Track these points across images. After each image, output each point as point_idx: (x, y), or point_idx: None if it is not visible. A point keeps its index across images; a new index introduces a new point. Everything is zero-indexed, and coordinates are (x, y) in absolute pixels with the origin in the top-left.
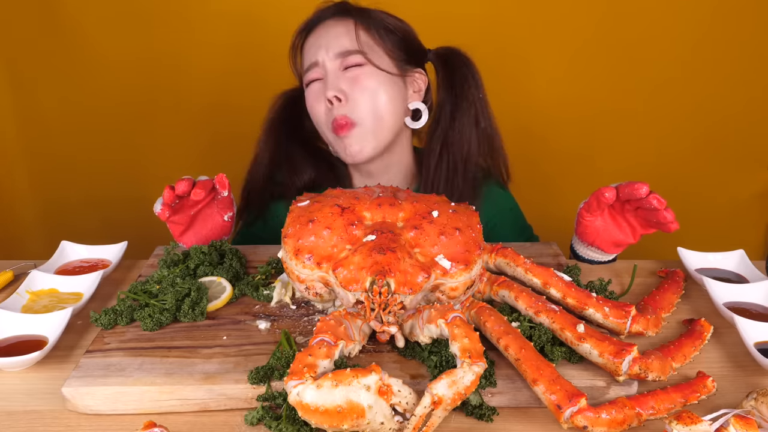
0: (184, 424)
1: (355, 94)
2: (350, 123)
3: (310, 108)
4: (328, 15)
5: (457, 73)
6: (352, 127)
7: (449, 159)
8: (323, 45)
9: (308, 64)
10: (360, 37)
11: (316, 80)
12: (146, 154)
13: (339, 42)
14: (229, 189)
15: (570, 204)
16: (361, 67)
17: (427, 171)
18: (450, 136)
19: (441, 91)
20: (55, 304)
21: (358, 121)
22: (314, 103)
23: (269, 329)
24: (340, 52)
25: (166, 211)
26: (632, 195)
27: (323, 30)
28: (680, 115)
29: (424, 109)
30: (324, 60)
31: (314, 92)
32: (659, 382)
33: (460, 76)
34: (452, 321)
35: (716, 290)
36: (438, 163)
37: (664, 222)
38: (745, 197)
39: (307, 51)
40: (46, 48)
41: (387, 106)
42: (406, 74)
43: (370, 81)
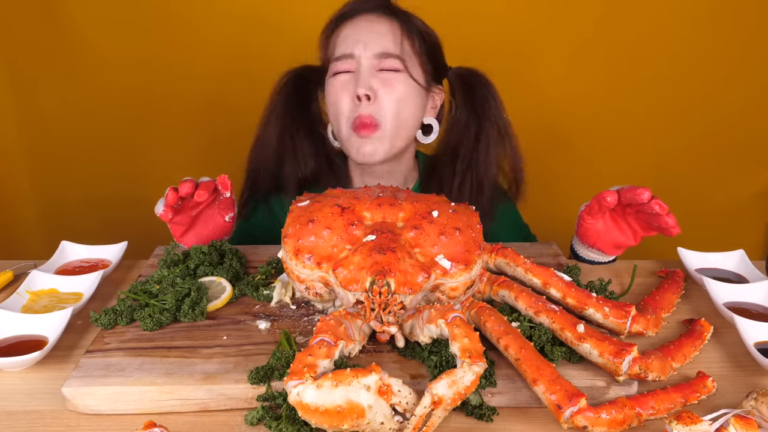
0: (184, 424)
1: (385, 97)
2: (375, 124)
3: (334, 97)
4: (371, 8)
5: (477, 94)
6: (375, 129)
7: (473, 180)
8: (362, 40)
9: (341, 54)
10: (404, 43)
11: (346, 72)
12: (146, 154)
13: (381, 42)
14: (231, 190)
15: (570, 204)
16: (397, 72)
17: (449, 192)
18: (475, 157)
19: (461, 112)
20: (55, 304)
21: (381, 123)
22: (340, 93)
23: (269, 329)
24: (380, 52)
25: (168, 212)
26: (634, 200)
27: (365, 23)
28: (680, 115)
29: (435, 125)
30: (361, 55)
31: (342, 83)
32: (659, 382)
33: (481, 98)
34: (452, 321)
35: (716, 290)
36: (461, 184)
37: (665, 227)
38: (745, 197)
39: (343, 40)
40: (47, 48)
41: (410, 116)
42: (429, 89)
43: (402, 88)
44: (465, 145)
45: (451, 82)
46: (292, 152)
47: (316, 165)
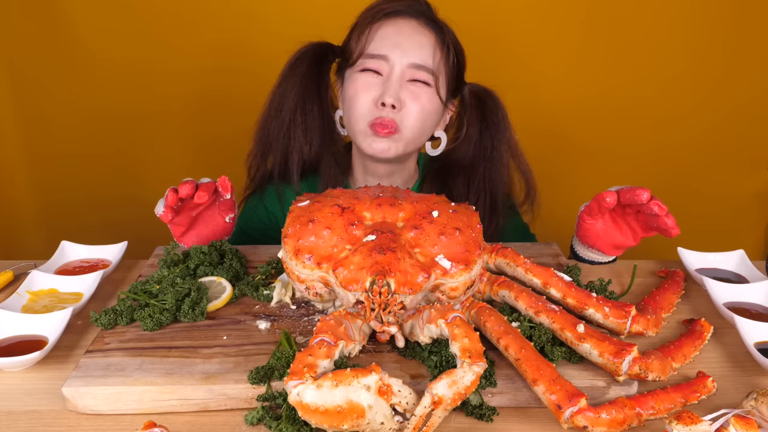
0: (184, 424)
1: (410, 109)
2: (396, 128)
3: (355, 92)
4: (416, 13)
5: (491, 114)
6: (394, 132)
7: (487, 198)
8: (401, 45)
9: (376, 52)
10: (437, 57)
11: (375, 72)
12: (146, 154)
13: (419, 53)
14: (231, 191)
15: (571, 204)
16: (427, 86)
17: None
18: (489, 177)
19: (473, 129)
20: (55, 304)
21: (402, 131)
22: (362, 92)
23: (269, 329)
24: (416, 63)
25: (168, 213)
26: (633, 200)
27: (407, 28)
28: (680, 115)
29: (444, 138)
30: (395, 61)
31: (367, 83)
32: (659, 382)
33: (495, 118)
34: (452, 321)
35: (716, 290)
36: (476, 203)
37: (665, 228)
38: (745, 197)
39: (381, 39)
40: (46, 48)
41: (428, 128)
42: (447, 105)
43: (427, 102)
44: (481, 164)
45: (465, 98)
46: (302, 130)
47: (320, 148)
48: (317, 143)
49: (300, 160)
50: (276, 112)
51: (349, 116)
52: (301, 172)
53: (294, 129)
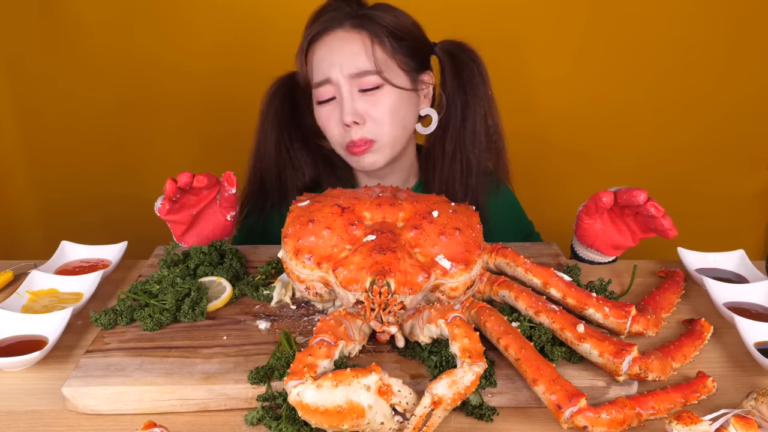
0: (184, 424)
1: (374, 116)
2: (368, 142)
3: (323, 126)
4: (338, 23)
5: (465, 69)
6: (370, 146)
7: (462, 159)
8: (337, 62)
9: (320, 79)
10: (376, 54)
11: (330, 99)
12: (147, 154)
13: (354, 61)
14: (236, 186)
15: (571, 204)
16: (379, 89)
17: (441, 172)
18: (462, 136)
19: (448, 88)
20: (55, 304)
21: (376, 139)
22: (328, 122)
23: (269, 329)
24: (356, 73)
25: (166, 204)
26: (630, 201)
27: (336, 43)
28: (680, 115)
29: (434, 115)
30: (338, 78)
31: (328, 112)
32: (659, 382)
33: (468, 73)
34: (452, 321)
35: (716, 290)
36: (451, 163)
37: (662, 229)
38: (745, 197)
39: (318, 64)
40: (45, 46)
41: (404, 120)
42: (417, 85)
43: (387, 101)
44: (452, 124)
45: (439, 57)
46: (290, 165)
47: (314, 173)
48: (309, 171)
49: (296, 189)
50: (263, 154)
51: (331, 142)
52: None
53: (282, 165)
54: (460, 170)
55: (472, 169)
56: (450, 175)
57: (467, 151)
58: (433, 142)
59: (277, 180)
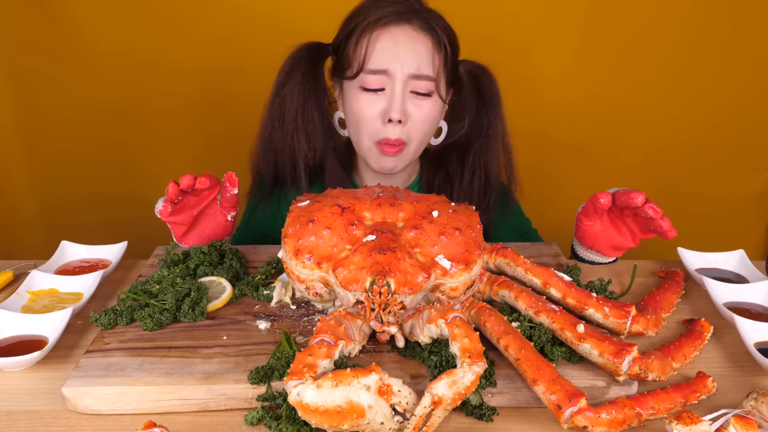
0: (184, 424)
1: (416, 120)
2: (402, 144)
3: (359, 112)
4: (406, 19)
5: (487, 92)
6: (402, 149)
7: (482, 175)
8: (400, 58)
9: (376, 67)
10: (435, 61)
11: (378, 90)
12: (147, 154)
13: (417, 63)
14: (237, 187)
15: (571, 204)
16: (430, 96)
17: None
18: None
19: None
20: (55, 304)
21: (408, 143)
22: (366, 110)
23: (269, 329)
24: (416, 74)
25: (168, 207)
26: (628, 203)
27: (403, 38)
28: (680, 115)
29: (445, 128)
30: (396, 73)
31: (371, 101)
32: (659, 382)
33: (490, 94)
34: (452, 321)
35: (716, 290)
36: (471, 179)
37: (660, 230)
38: (745, 197)
39: (380, 52)
40: (45, 46)
41: (432, 131)
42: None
43: (431, 109)
44: (477, 141)
45: (460, 75)
46: (305, 137)
47: (323, 152)
48: (320, 148)
49: (306, 166)
50: (279, 121)
51: (354, 131)
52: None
53: (297, 137)
54: (479, 185)
55: (491, 184)
56: (470, 191)
57: (488, 168)
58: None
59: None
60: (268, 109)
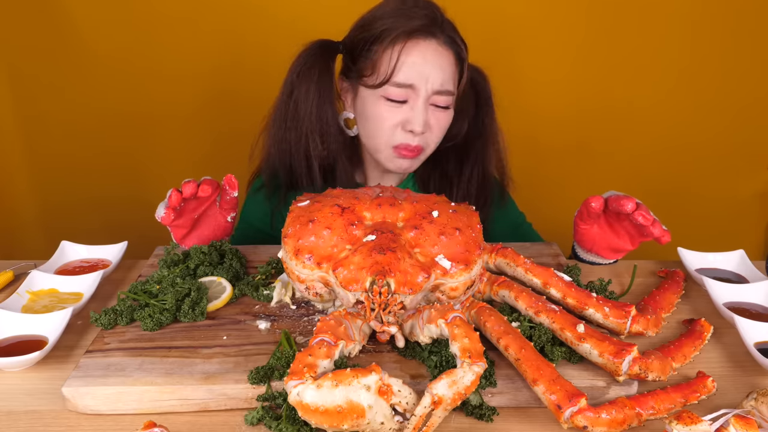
0: (184, 424)
1: (434, 130)
2: (420, 151)
3: (378, 120)
4: (433, 33)
5: (483, 93)
6: (419, 154)
7: (479, 171)
8: (427, 74)
9: (403, 81)
10: (455, 77)
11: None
12: (147, 154)
13: (441, 79)
14: (237, 190)
15: (570, 205)
16: (447, 108)
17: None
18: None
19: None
20: (55, 304)
21: (425, 149)
22: (387, 120)
23: (269, 329)
24: (439, 90)
25: (170, 214)
26: (619, 210)
27: (431, 54)
28: (680, 115)
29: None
30: (421, 90)
31: (392, 112)
32: (659, 382)
33: (485, 96)
34: (452, 321)
35: (716, 290)
36: (470, 177)
37: (653, 237)
38: (745, 197)
39: (409, 66)
40: (46, 47)
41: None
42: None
43: (447, 121)
44: (476, 141)
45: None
46: (320, 137)
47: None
48: (334, 148)
49: (320, 166)
50: (293, 122)
51: (371, 135)
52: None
53: (312, 137)
54: (477, 182)
55: (488, 179)
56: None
57: (486, 168)
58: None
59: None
60: (279, 110)
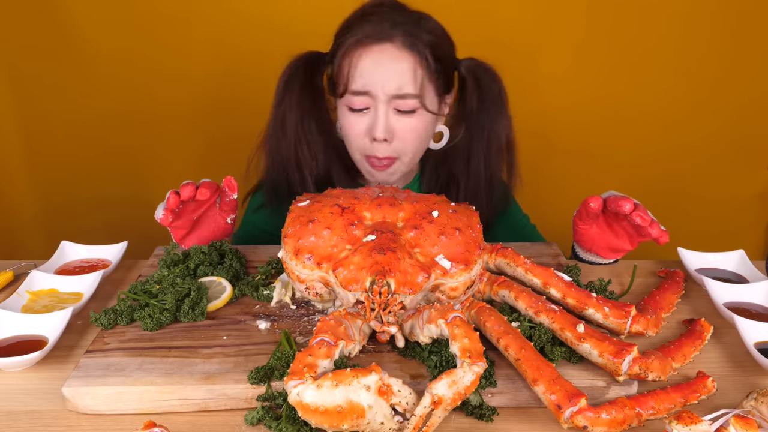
0: (184, 424)
1: (403, 136)
2: (391, 160)
3: (348, 131)
4: (387, 37)
5: (489, 91)
6: (391, 164)
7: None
8: (381, 79)
9: (359, 89)
10: (419, 78)
11: (363, 109)
12: (147, 154)
13: (399, 83)
14: (236, 192)
15: (572, 205)
16: (415, 112)
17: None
18: (488, 156)
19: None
20: (55, 304)
21: (399, 156)
22: (354, 130)
23: (269, 329)
24: (397, 94)
25: (169, 216)
26: (617, 210)
27: (384, 59)
28: (680, 115)
29: (446, 132)
30: (378, 94)
31: (357, 121)
32: (659, 382)
33: (492, 95)
34: (452, 321)
35: (716, 290)
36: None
37: (651, 237)
38: (745, 197)
39: (361, 73)
40: (47, 48)
41: (425, 141)
42: (442, 107)
43: (419, 124)
44: (479, 144)
45: (462, 75)
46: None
47: (326, 161)
48: (322, 158)
49: (312, 176)
50: (281, 132)
51: (348, 146)
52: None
53: (301, 146)
54: (484, 188)
55: (495, 185)
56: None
57: (491, 170)
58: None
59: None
60: (272, 118)
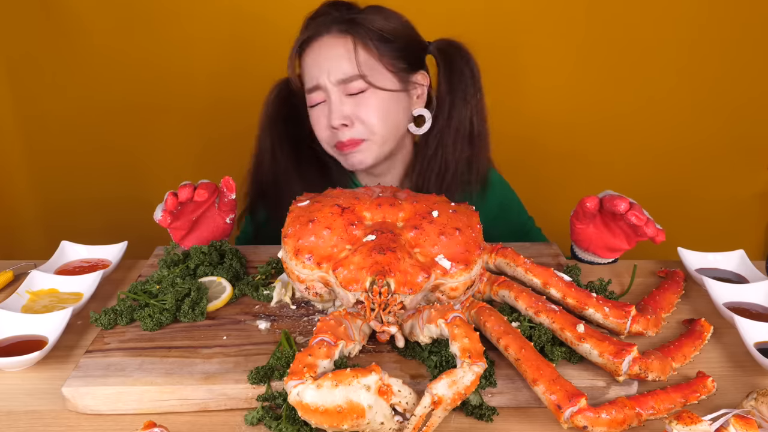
0: (184, 424)
1: (362, 117)
2: (356, 142)
3: (314, 127)
4: (326, 29)
5: (456, 70)
6: (357, 144)
7: (441, 157)
8: (324, 68)
9: (310, 85)
10: (359, 57)
11: (321, 102)
12: (147, 154)
13: (339, 67)
14: (235, 192)
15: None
16: (365, 92)
17: (420, 167)
18: (446, 136)
19: (440, 87)
20: (55, 304)
21: (367, 138)
22: (318, 125)
23: (269, 329)
24: (341, 78)
25: (167, 217)
26: (612, 210)
27: (324, 49)
28: (680, 115)
29: (427, 115)
30: (326, 84)
31: (317, 114)
32: (659, 382)
33: (459, 74)
34: (452, 321)
35: (716, 290)
36: (431, 159)
37: (647, 236)
38: (745, 197)
39: (308, 69)
40: (47, 47)
41: (392, 122)
42: (408, 85)
43: (375, 103)
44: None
45: (434, 56)
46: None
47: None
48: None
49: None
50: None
51: (319, 141)
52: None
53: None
54: (437, 168)
55: (449, 167)
56: (428, 171)
57: (447, 152)
58: (421, 139)
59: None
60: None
